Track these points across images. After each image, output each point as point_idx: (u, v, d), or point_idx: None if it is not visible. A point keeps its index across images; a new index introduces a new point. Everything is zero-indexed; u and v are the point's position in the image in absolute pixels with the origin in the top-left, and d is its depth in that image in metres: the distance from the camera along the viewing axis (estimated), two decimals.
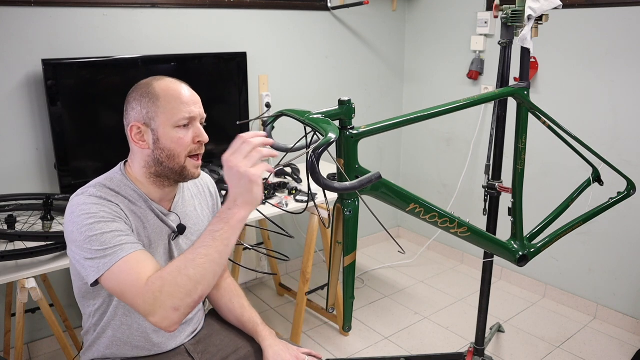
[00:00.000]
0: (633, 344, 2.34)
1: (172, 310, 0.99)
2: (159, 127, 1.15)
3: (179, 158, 1.17)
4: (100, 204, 1.11)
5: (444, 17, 2.97)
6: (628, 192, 1.92)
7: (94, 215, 1.09)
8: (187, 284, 0.99)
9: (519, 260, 1.71)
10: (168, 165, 1.18)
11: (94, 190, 1.14)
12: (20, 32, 1.96)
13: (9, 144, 2.02)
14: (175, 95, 1.16)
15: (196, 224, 1.33)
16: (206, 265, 1.00)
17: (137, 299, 1.01)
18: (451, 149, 3.09)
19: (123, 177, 1.20)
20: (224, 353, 1.35)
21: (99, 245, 1.06)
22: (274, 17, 2.63)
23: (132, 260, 1.05)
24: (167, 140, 1.15)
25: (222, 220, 1.01)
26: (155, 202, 1.23)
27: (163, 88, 1.16)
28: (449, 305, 2.70)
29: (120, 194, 1.18)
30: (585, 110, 2.42)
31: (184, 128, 1.17)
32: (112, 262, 1.05)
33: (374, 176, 0.98)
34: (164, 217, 1.24)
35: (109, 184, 1.18)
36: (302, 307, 2.22)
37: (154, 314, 0.99)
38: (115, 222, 1.10)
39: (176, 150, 1.16)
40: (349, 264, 1.28)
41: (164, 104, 1.15)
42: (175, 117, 1.15)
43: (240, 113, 2.48)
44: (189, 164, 1.19)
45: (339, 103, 1.17)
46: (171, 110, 1.15)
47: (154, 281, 1.00)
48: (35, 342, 2.26)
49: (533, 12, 1.50)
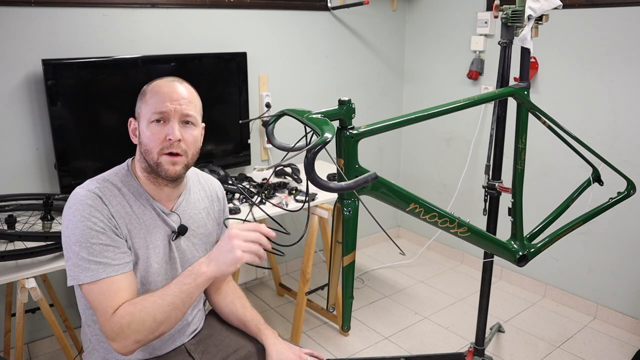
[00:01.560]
0: (633, 344, 2.34)
1: (134, 343, 1.09)
2: (140, 121, 1.19)
3: (152, 154, 1.17)
4: (96, 207, 1.12)
5: (444, 17, 2.97)
6: (628, 192, 1.92)
7: (88, 217, 1.10)
8: (152, 324, 1.09)
9: (519, 260, 1.71)
10: (147, 161, 1.19)
11: (94, 186, 1.15)
12: (20, 32, 1.96)
13: (9, 144, 2.02)
14: (156, 91, 1.17)
15: (199, 227, 1.32)
16: (171, 312, 1.11)
17: (104, 324, 1.09)
18: (451, 149, 3.09)
19: (128, 173, 1.22)
20: (224, 353, 1.35)
21: (85, 255, 1.09)
22: (274, 17, 2.63)
23: (112, 284, 1.10)
24: (143, 135, 1.18)
25: (192, 275, 1.13)
26: (157, 201, 1.23)
27: (155, 84, 1.19)
28: (449, 305, 2.70)
29: (122, 191, 1.19)
30: (585, 110, 2.42)
31: (158, 124, 1.16)
32: (92, 278, 1.09)
33: (370, 176, 0.98)
34: (165, 216, 1.24)
35: (113, 179, 1.20)
36: (302, 307, 2.22)
37: (116, 341, 1.08)
38: (107, 233, 1.12)
39: (149, 146, 1.17)
40: (349, 264, 1.28)
41: (147, 99, 1.18)
42: (151, 110, 1.16)
43: (240, 113, 2.48)
44: (163, 160, 1.17)
45: (339, 103, 1.17)
46: (150, 105, 1.17)
47: (123, 315, 1.08)
48: (35, 342, 2.26)
49: (533, 12, 1.50)
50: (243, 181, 2.37)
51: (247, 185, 2.30)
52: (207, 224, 1.35)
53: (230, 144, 2.50)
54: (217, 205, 1.40)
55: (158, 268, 1.23)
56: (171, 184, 1.24)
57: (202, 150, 2.44)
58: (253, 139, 2.65)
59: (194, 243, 1.31)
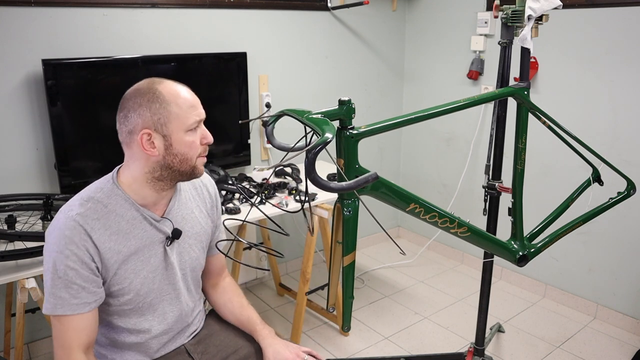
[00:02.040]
0: (633, 344, 2.34)
1: None
2: (172, 133, 1.13)
3: (192, 161, 1.18)
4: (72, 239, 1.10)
5: (444, 17, 2.97)
6: (628, 192, 1.92)
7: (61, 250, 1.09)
8: None
9: (519, 260, 1.71)
10: (179, 169, 1.17)
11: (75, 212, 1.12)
12: (20, 32, 1.96)
13: (9, 144, 2.02)
14: (184, 100, 1.15)
15: (193, 226, 1.31)
16: None
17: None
18: (451, 149, 3.10)
19: (114, 187, 1.17)
20: (224, 353, 1.35)
21: (50, 285, 1.11)
22: (274, 17, 2.63)
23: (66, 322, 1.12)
24: (180, 145, 1.15)
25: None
26: (148, 209, 1.20)
27: (171, 93, 1.14)
28: (449, 305, 2.70)
29: (109, 206, 1.15)
30: (585, 110, 2.42)
31: (193, 131, 1.17)
32: (49, 311, 1.11)
33: (371, 176, 0.98)
34: (157, 223, 1.22)
35: (97, 196, 1.16)
36: (302, 307, 2.22)
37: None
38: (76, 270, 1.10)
39: (189, 154, 1.17)
40: (349, 264, 1.28)
41: (176, 109, 1.13)
42: (187, 122, 1.15)
43: (240, 113, 2.48)
44: (199, 163, 1.21)
45: (339, 103, 1.17)
46: (183, 114, 1.14)
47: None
48: (35, 342, 2.26)
49: (533, 12, 1.50)
50: (243, 181, 2.37)
51: (247, 185, 2.30)
52: (200, 221, 1.34)
53: (230, 144, 2.50)
54: (209, 202, 1.38)
55: (153, 277, 1.23)
56: (173, 187, 1.23)
57: None
58: (253, 139, 2.65)
59: (189, 244, 1.31)
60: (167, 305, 1.28)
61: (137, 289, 1.20)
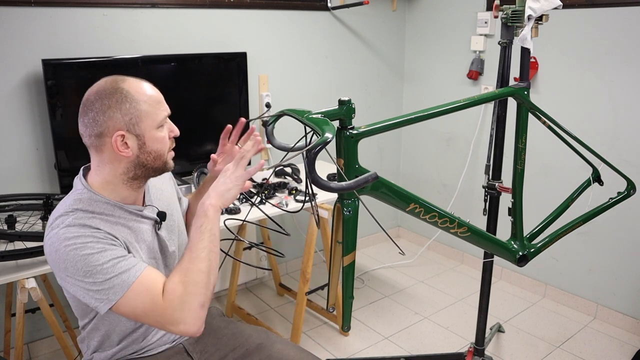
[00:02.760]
0: (633, 344, 2.34)
1: (200, 308, 1.07)
2: (145, 131, 1.13)
3: (164, 156, 1.18)
4: (84, 235, 1.07)
5: (444, 17, 2.97)
6: (628, 192, 1.92)
7: (82, 247, 1.05)
8: (203, 278, 1.08)
9: (519, 260, 1.71)
10: (152, 166, 1.17)
11: (70, 220, 1.08)
12: (20, 32, 1.96)
13: (9, 144, 2.02)
14: (151, 97, 1.15)
15: (169, 204, 1.34)
16: (209, 256, 1.10)
17: (164, 313, 1.05)
18: (451, 149, 3.09)
19: (91, 194, 1.14)
20: (222, 352, 1.36)
21: (102, 277, 1.05)
22: (274, 17, 2.63)
23: (143, 281, 1.07)
24: (153, 142, 1.15)
25: (200, 215, 1.12)
26: (129, 204, 1.20)
27: (138, 91, 1.13)
28: (449, 305, 2.70)
29: (95, 212, 1.13)
30: (585, 110, 2.42)
31: (163, 127, 1.17)
32: (123, 289, 1.05)
33: (371, 176, 0.99)
34: (142, 212, 1.23)
35: (80, 206, 1.12)
36: (302, 307, 2.22)
37: (184, 319, 1.05)
38: (108, 250, 1.07)
39: (161, 150, 1.17)
40: (349, 264, 1.28)
41: (146, 107, 1.12)
42: (158, 118, 1.15)
43: (240, 113, 2.48)
44: (169, 157, 1.21)
45: (339, 103, 1.17)
46: (153, 112, 1.14)
47: (174, 289, 1.06)
48: (35, 342, 2.26)
49: (533, 12, 1.50)
50: None
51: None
52: (171, 197, 1.38)
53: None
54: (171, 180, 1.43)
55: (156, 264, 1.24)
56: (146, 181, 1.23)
57: (202, 151, 2.43)
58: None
59: (174, 221, 1.34)
60: None
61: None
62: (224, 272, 2.62)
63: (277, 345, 1.36)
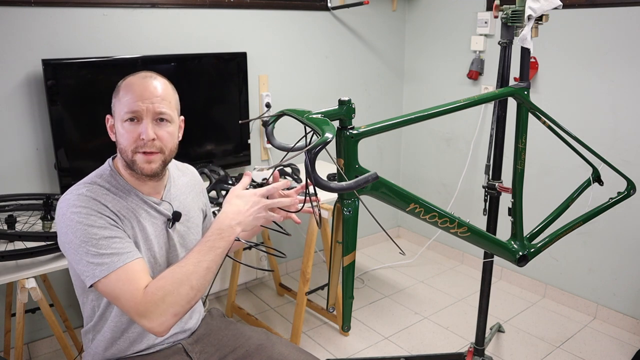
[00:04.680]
0: (633, 344, 2.34)
1: (172, 317, 1.06)
2: (116, 120, 1.19)
3: (127, 152, 1.17)
4: (91, 207, 1.11)
5: (444, 17, 2.97)
6: (628, 192, 1.92)
7: (86, 217, 1.10)
8: (189, 293, 1.07)
9: (519, 260, 1.71)
10: (124, 159, 1.19)
11: (84, 190, 1.14)
12: (20, 32, 1.96)
13: (9, 144, 2.02)
14: (129, 89, 1.17)
15: (190, 210, 1.35)
16: (207, 276, 1.09)
17: (135, 307, 1.05)
18: (451, 149, 3.09)
19: (112, 172, 1.22)
20: (221, 352, 1.35)
21: (95, 251, 1.08)
22: (274, 17, 2.63)
23: (129, 270, 1.09)
24: (118, 134, 1.18)
25: (224, 239, 1.11)
26: (146, 194, 1.23)
27: (127, 82, 1.19)
28: (449, 305, 2.70)
29: (111, 190, 1.18)
30: (585, 110, 2.42)
31: (132, 122, 1.16)
32: (109, 270, 1.08)
33: (371, 176, 0.98)
34: (157, 206, 1.24)
35: (99, 181, 1.19)
36: (302, 307, 2.21)
37: (152, 319, 1.05)
38: (109, 228, 1.11)
39: (123, 144, 1.17)
40: (349, 264, 1.28)
41: (120, 98, 1.17)
42: (123, 110, 1.16)
43: (240, 113, 2.48)
44: (138, 159, 1.17)
45: (339, 103, 1.17)
46: (122, 104, 1.16)
47: (155, 292, 1.06)
48: (35, 342, 2.26)
49: (533, 12, 1.50)
50: None
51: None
52: (194, 206, 1.38)
53: (230, 144, 2.50)
54: (199, 188, 1.44)
55: (159, 258, 1.25)
56: (154, 179, 1.24)
57: (202, 150, 2.44)
58: (253, 139, 2.65)
59: (188, 227, 1.33)
60: None
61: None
62: (224, 272, 2.62)
63: (277, 346, 1.36)
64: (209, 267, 1.08)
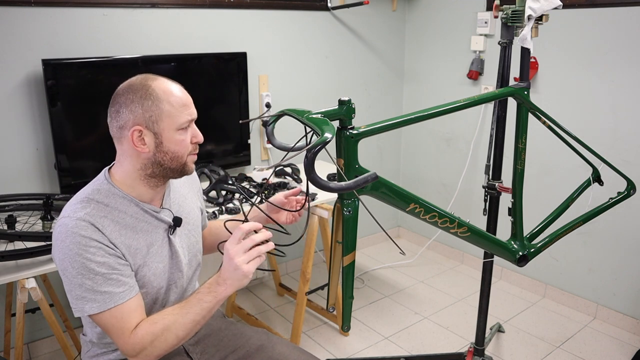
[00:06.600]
0: (633, 344, 2.34)
1: (154, 357, 1.13)
2: (163, 131, 1.14)
3: (182, 158, 1.19)
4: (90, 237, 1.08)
5: (444, 17, 2.97)
6: (628, 192, 1.92)
7: (85, 249, 1.07)
8: (174, 341, 1.12)
9: (519, 260, 1.71)
10: (169, 166, 1.18)
11: (82, 214, 1.10)
12: (20, 32, 1.96)
13: (9, 144, 2.02)
14: (177, 98, 1.16)
15: (190, 211, 1.34)
16: (193, 328, 1.14)
17: (123, 345, 1.12)
18: (451, 149, 3.09)
19: (110, 186, 1.17)
20: (222, 353, 1.35)
21: (90, 285, 1.08)
22: (274, 17, 2.63)
23: (121, 310, 1.11)
24: (170, 143, 1.15)
25: (212, 294, 1.12)
26: (147, 203, 1.22)
27: (164, 90, 1.14)
28: (449, 305, 2.70)
29: (110, 205, 1.15)
30: (585, 110, 2.42)
31: (185, 130, 1.18)
32: (99, 309, 1.10)
33: (370, 176, 0.98)
34: (157, 214, 1.23)
35: (97, 197, 1.15)
36: (302, 307, 2.21)
37: (138, 357, 1.12)
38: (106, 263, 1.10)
39: (179, 152, 1.18)
40: (349, 264, 1.28)
41: (168, 107, 1.13)
42: (179, 121, 1.15)
43: (240, 113, 2.48)
44: (189, 161, 1.22)
45: (339, 103, 1.17)
46: (175, 113, 1.14)
47: (144, 336, 1.11)
48: (35, 342, 2.26)
49: (533, 12, 1.50)
50: (243, 181, 2.37)
51: (247, 185, 2.30)
52: (193, 206, 1.38)
53: (230, 144, 2.50)
54: (196, 186, 1.45)
55: (163, 267, 1.24)
56: (165, 182, 1.24)
57: (202, 151, 2.44)
58: (253, 139, 2.65)
59: (189, 230, 1.33)
60: (172, 295, 1.29)
61: (150, 282, 1.21)
62: None
63: (277, 346, 1.36)
64: (194, 320, 1.12)
